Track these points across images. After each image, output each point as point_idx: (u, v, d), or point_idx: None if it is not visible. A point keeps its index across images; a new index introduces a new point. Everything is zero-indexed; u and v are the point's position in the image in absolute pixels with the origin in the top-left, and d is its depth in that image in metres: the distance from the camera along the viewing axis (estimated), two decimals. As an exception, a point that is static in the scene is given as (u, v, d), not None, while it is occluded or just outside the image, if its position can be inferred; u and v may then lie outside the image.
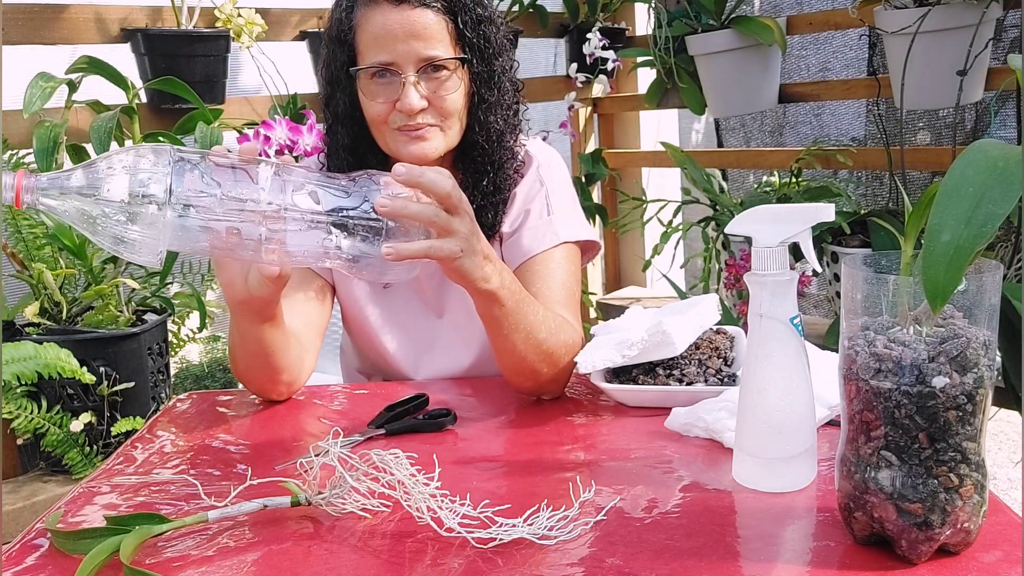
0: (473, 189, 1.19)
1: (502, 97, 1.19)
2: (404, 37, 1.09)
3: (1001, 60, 2.06)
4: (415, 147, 1.13)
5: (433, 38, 1.10)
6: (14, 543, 0.78)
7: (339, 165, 1.19)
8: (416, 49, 1.09)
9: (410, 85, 1.10)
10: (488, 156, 1.19)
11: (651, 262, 2.49)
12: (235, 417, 1.10)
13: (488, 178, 1.19)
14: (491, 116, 1.17)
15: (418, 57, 1.10)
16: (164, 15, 1.97)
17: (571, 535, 0.74)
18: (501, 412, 1.07)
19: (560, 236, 1.20)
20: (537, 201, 1.22)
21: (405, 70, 1.10)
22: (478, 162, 1.19)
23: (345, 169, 1.17)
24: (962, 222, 0.60)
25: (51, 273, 1.64)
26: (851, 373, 0.68)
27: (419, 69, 1.10)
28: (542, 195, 1.23)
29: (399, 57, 1.10)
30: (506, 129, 1.20)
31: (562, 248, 1.20)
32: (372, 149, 1.19)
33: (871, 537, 0.70)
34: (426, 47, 1.10)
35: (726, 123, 2.94)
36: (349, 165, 1.18)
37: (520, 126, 1.24)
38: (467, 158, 1.20)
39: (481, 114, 1.17)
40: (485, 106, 1.17)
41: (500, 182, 1.20)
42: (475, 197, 1.19)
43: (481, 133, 1.18)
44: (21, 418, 1.54)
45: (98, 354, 1.59)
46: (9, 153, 1.74)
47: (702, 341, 1.11)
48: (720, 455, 0.90)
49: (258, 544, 0.75)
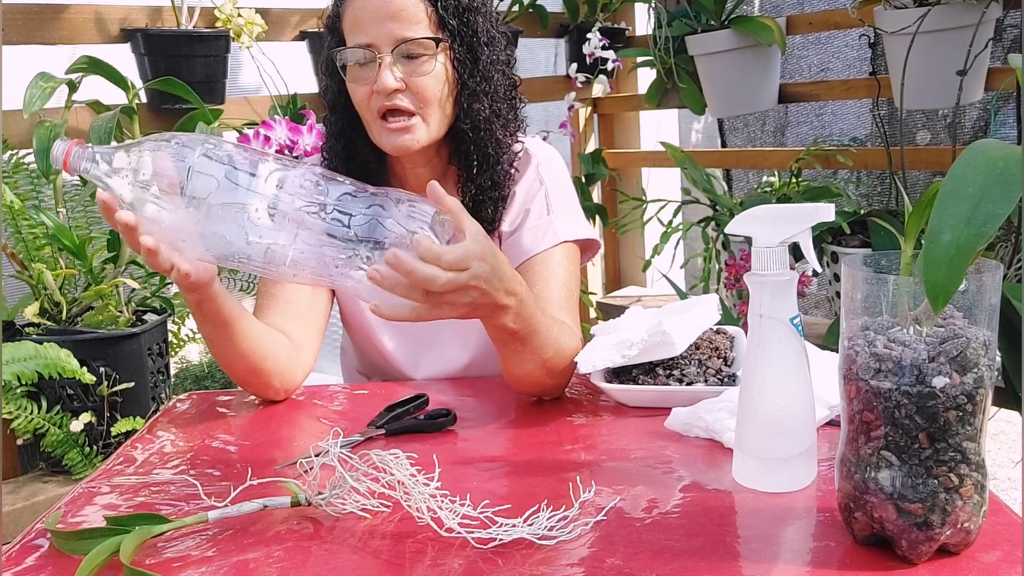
0: (468, 182, 1.20)
1: (489, 86, 1.18)
2: (380, 19, 1.10)
3: (1001, 60, 2.06)
4: (397, 139, 1.13)
5: (410, 20, 1.11)
6: (14, 543, 0.78)
7: (330, 154, 1.22)
8: (391, 30, 1.10)
9: (385, 66, 1.10)
10: (476, 146, 1.18)
11: (651, 262, 2.49)
12: (235, 417, 1.10)
13: (481, 171, 1.19)
14: (476, 104, 1.16)
15: (394, 37, 1.10)
16: (164, 15, 1.97)
17: (571, 535, 0.74)
18: (501, 412, 1.07)
19: (560, 236, 1.20)
20: (537, 200, 1.22)
21: (381, 51, 1.11)
22: (469, 155, 1.19)
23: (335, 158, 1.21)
24: (962, 222, 0.60)
25: (51, 273, 1.64)
26: (851, 373, 0.68)
27: (395, 50, 1.10)
28: (542, 194, 1.23)
29: (375, 38, 1.10)
30: (495, 119, 1.19)
31: (562, 248, 1.20)
32: (362, 136, 1.19)
33: (871, 537, 0.69)
34: (401, 28, 1.10)
35: (729, 123, 2.94)
36: (338, 153, 1.21)
37: (518, 122, 1.24)
38: (458, 151, 1.20)
39: (465, 101, 1.16)
40: (468, 92, 1.16)
41: (497, 177, 1.20)
42: (470, 191, 1.20)
43: (466, 121, 1.17)
44: (21, 418, 1.54)
45: (98, 354, 1.59)
46: (9, 153, 1.74)
47: (702, 341, 1.11)
48: (720, 455, 0.90)
49: (258, 544, 0.75)
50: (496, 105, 1.19)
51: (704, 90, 2.39)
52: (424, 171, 1.22)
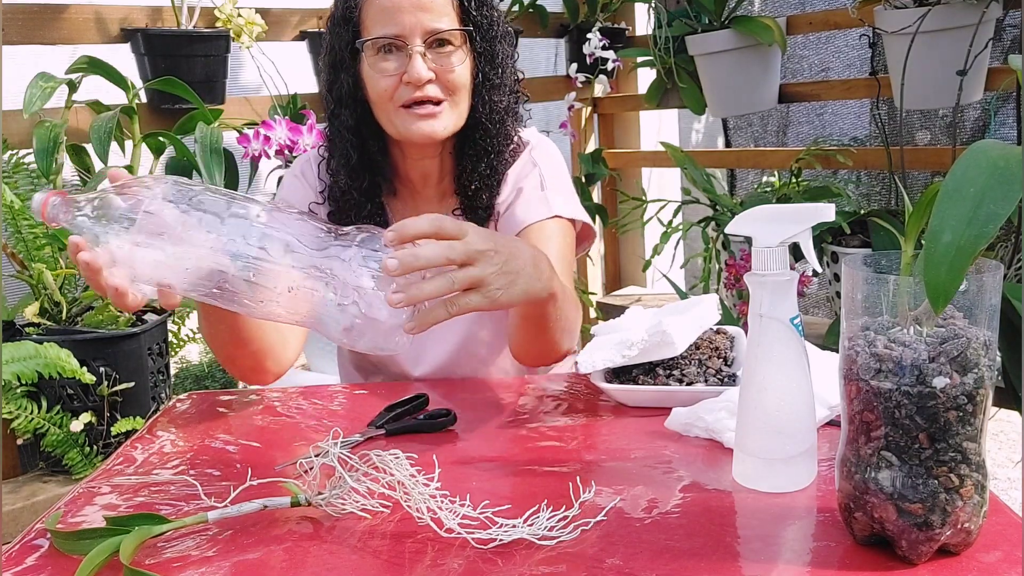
0: (472, 172, 1.21)
1: (505, 79, 1.20)
2: (411, 9, 1.11)
3: (1001, 60, 2.06)
4: (424, 124, 1.14)
5: (439, 11, 1.12)
6: (14, 543, 0.78)
7: (343, 147, 1.20)
8: (422, 21, 1.11)
9: (417, 55, 1.11)
10: (491, 137, 1.20)
11: (651, 262, 2.49)
12: (235, 417, 1.10)
13: (486, 161, 1.21)
14: (495, 95, 1.19)
15: (424, 29, 1.11)
16: (164, 15, 1.97)
17: (571, 535, 0.73)
18: (501, 412, 1.07)
19: (553, 209, 1.20)
20: (530, 179, 1.23)
21: (412, 41, 1.11)
22: (479, 144, 1.20)
23: (349, 151, 1.19)
24: (963, 222, 0.60)
25: (51, 273, 1.64)
26: (851, 373, 0.68)
27: (425, 41, 1.12)
28: (535, 173, 1.24)
29: (405, 29, 1.11)
30: (507, 112, 1.21)
31: (556, 222, 1.20)
32: (374, 133, 1.20)
33: (871, 537, 0.69)
34: (432, 19, 1.11)
35: (734, 122, 2.94)
36: (352, 146, 1.19)
37: (520, 115, 1.25)
38: (468, 140, 1.21)
39: (485, 93, 1.18)
40: (489, 85, 1.18)
41: (497, 164, 1.22)
42: (472, 180, 1.21)
43: (484, 112, 1.19)
44: (21, 418, 1.54)
45: (98, 354, 1.59)
46: (9, 153, 1.74)
47: (702, 341, 1.11)
48: (720, 455, 0.90)
49: (258, 544, 0.75)
50: (508, 98, 1.21)
51: (704, 90, 2.39)
52: (431, 163, 1.23)
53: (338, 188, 1.22)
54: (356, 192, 1.21)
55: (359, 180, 1.21)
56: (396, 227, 0.78)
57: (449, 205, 1.26)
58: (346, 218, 1.22)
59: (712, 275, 2.30)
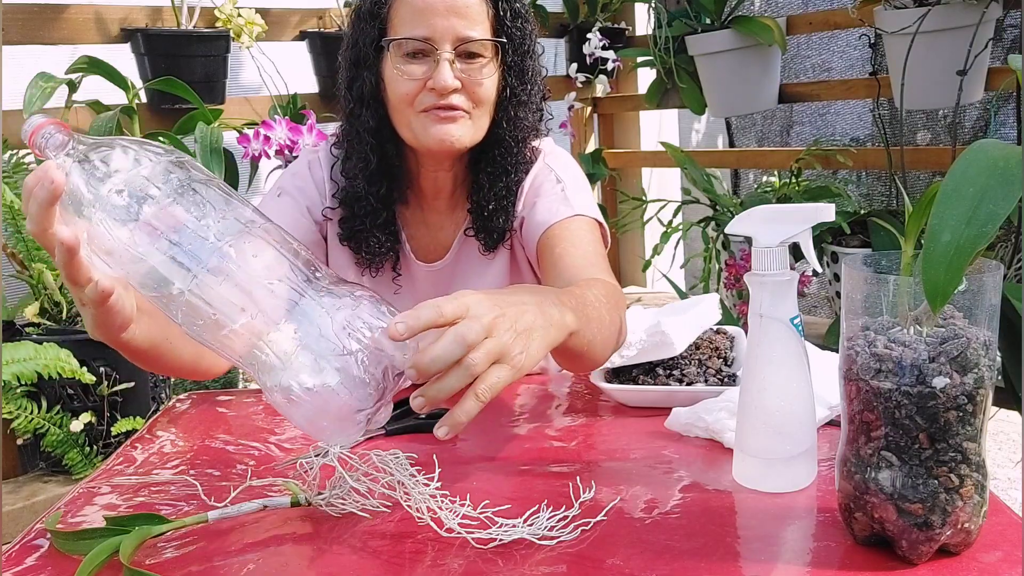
0: (488, 191, 1.16)
1: (533, 97, 1.15)
2: (445, 13, 1.05)
3: (1001, 60, 2.06)
4: (442, 128, 1.08)
5: (474, 19, 1.07)
6: (14, 543, 0.78)
7: (361, 150, 1.14)
8: (455, 26, 1.06)
9: (445, 62, 1.05)
10: (511, 156, 1.15)
11: (651, 262, 2.49)
12: (235, 417, 1.10)
13: (504, 181, 1.15)
14: (521, 112, 1.13)
15: (456, 35, 1.06)
16: (164, 15, 1.97)
17: (571, 535, 0.73)
18: (501, 412, 1.07)
19: (575, 208, 1.14)
20: (547, 183, 1.18)
21: (441, 46, 1.06)
22: (498, 162, 1.15)
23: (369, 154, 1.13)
24: (963, 222, 0.60)
25: (51, 273, 1.64)
26: (851, 373, 0.68)
27: (455, 48, 1.06)
28: (552, 177, 1.18)
29: (437, 32, 1.06)
30: (531, 130, 1.16)
31: (580, 219, 1.13)
32: (392, 137, 1.14)
33: (871, 537, 0.69)
34: (466, 26, 1.06)
35: (737, 123, 2.94)
36: (372, 149, 1.13)
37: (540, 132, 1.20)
38: (486, 156, 1.16)
39: (512, 109, 1.13)
40: (516, 100, 1.13)
41: (513, 185, 1.17)
42: (489, 200, 1.16)
43: (508, 129, 1.13)
44: (21, 418, 1.54)
45: (98, 354, 1.59)
46: (9, 153, 1.74)
47: (702, 341, 1.11)
48: (720, 455, 0.90)
49: (258, 544, 0.75)
50: (534, 116, 1.16)
51: (704, 90, 2.39)
52: (446, 175, 1.17)
53: (354, 192, 1.16)
54: (373, 198, 1.15)
55: (376, 186, 1.15)
56: (404, 323, 0.67)
57: (459, 219, 1.21)
58: (359, 224, 1.16)
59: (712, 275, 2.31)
